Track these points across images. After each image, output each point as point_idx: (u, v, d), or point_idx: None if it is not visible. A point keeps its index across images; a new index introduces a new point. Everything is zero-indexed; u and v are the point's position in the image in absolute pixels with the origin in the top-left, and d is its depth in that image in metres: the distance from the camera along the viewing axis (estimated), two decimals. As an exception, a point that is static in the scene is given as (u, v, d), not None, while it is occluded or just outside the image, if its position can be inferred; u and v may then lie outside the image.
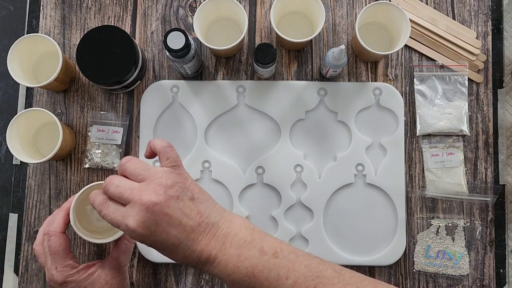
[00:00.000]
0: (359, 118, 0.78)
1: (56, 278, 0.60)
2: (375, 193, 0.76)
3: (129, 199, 0.48)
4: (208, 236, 0.49)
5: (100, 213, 0.51)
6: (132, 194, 0.48)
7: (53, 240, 0.61)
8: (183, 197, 0.49)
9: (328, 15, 0.80)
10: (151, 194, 0.47)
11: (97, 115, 0.78)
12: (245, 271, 0.48)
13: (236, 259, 0.49)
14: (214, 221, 0.50)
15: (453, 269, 0.75)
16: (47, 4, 0.81)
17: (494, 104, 0.79)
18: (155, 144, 0.54)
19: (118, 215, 0.49)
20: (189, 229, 0.48)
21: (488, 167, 0.77)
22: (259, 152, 0.77)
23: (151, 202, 0.47)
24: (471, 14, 0.80)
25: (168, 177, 0.49)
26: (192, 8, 0.81)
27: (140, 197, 0.47)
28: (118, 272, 0.64)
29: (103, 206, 0.50)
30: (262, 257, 0.49)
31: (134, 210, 0.47)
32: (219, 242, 0.49)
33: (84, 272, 0.62)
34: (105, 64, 0.71)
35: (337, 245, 0.76)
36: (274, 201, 0.77)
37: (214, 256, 0.49)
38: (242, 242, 0.49)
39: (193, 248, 0.49)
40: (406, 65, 0.79)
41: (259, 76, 0.78)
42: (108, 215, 0.49)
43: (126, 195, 0.48)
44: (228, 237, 0.50)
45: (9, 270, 0.77)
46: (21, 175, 0.78)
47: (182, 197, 0.49)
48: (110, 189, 0.50)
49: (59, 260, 0.61)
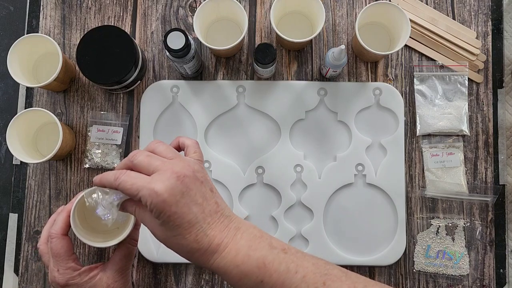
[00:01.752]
0: (359, 118, 0.78)
1: (58, 280, 0.60)
2: (375, 193, 0.76)
3: (159, 167, 0.48)
4: (222, 225, 0.50)
5: (115, 182, 0.49)
6: (163, 164, 0.49)
7: (55, 243, 0.61)
8: (205, 184, 0.50)
9: (328, 15, 0.80)
10: (183, 167, 0.49)
11: (97, 115, 0.78)
12: (255, 262, 0.48)
13: (247, 249, 0.49)
14: (227, 214, 0.51)
15: (453, 269, 0.75)
16: (47, 4, 0.81)
17: (494, 104, 0.79)
18: (185, 140, 0.56)
19: (141, 181, 0.48)
20: (208, 212, 0.49)
21: (488, 167, 0.77)
22: (259, 152, 0.77)
23: (182, 173, 0.48)
24: (471, 14, 0.80)
25: (195, 163, 0.51)
26: (192, 8, 0.81)
27: (172, 167, 0.48)
28: (121, 275, 0.64)
29: (121, 174, 0.49)
30: (272, 250, 0.49)
31: (164, 175, 0.47)
32: (231, 233, 0.50)
33: (86, 275, 0.61)
34: (105, 64, 0.71)
35: (337, 245, 0.76)
36: (274, 201, 0.77)
37: (225, 244, 0.49)
38: (252, 236, 0.50)
39: (207, 232, 0.49)
40: (406, 65, 0.79)
41: (259, 76, 0.78)
42: (127, 181, 0.48)
43: (157, 163, 0.49)
44: (239, 230, 0.50)
45: (9, 270, 0.77)
46: (21, 175, 0.78)
47: (205, 184, 0.50)
48: (138, 157, 0.50)
49: (61, 262, 0.61)
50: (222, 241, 0.49)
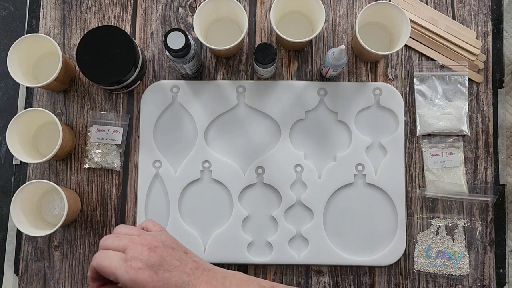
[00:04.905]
0: (359, 118, 0.78)
1: None
2: (375, 193, 0.76)
3: (128, 244, 0.50)
4: (208, 278, 0.51)
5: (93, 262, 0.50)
6: (131, 241, 0.50)
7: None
8: (177, 249, 0.52)
9: (328, 15, 0.80)
10: (151, 240, 0.51)
11: (97, 115, 0.78)
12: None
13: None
14: (209, 268, 0.53)
15: (453, 269, 0.75)
16: (47, 4, 0.81)
17: (494, 104, 0.79)
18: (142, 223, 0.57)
19: (119, 259, 0.49)
20: (189, 271, 0.50)
21: (488, 167, 0.77)
22: (259, 152, 0.77)
23: (152, 244, 0.50)
24: (471, 14, 0.80)
25: (162, 234, 0.53)
26: (192, 8, 0.81)
27: (141, 241, 0.50)
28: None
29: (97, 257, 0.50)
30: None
31: (136, 251, 0.49)
32: (220, 282, 0.51)
33: None
34: (105, 64, 0.71)
35: (337, 245, 0.76)
36: (274, 201, 0.77)
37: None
38: (240, 281, 0.52)
39: (197, 287, 0.50)
40: (406, 65, 0.79)
41: (259, 76, 0.78)
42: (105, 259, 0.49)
43: (125, 241, 0.50)
44: (227, 278, 0.52)
45: (9, 270, 0.77)
46: (21, 175, 0.78)
47: (177, 249, 0.52)
48: (107, 241, 0.51)
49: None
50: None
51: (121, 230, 0.54)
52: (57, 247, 0.77)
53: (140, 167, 0.77)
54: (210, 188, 0.77)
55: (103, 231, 0.77)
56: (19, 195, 0.70)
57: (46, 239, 0.77)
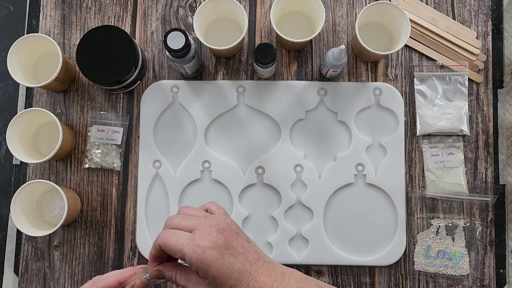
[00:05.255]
0: (359, 118, 0.78)
1: None
2: (375, 193, 0.76)
3: (196, 225, 0.49)
4: (268, 271, 0.50)
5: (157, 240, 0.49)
6: (199, 221, 0.50)
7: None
8: (241, 235, 0.51)
9: (328, 15, 0.80)
10: (218, 222, 0.50)
11: (97, 115, 0.78)
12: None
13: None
14: (269, 261, 0.52)
15: (453, 269, 0.75)
16: (47, 4, 0.81)
17: (494, 104, 0.79)
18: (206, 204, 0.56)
19: (184, 237, 0.49)
20: (252, 260, 0.50)
21: (488, 167, 0.77)
22: (259, 152, 0.77)
23: (220, 226, 0.49)
24: (471, 14, 0.80)
25: (226, 218, 0.52)
26: (192, 8, 0.81)
27: (209, 222, 0.50)
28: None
29: (163, 234, 0.49)
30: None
31: (204, 231, 0.48)
32: (279, 277, 0.50)
33: None
34: (105, 64, 0.71)
35: (337, 245, 0.76)
36: (274, 201, 0.77)
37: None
38: (299, 278, 0.51)
39: (257, 278, 0.49)
40: (406, 65, 0.79)
41: (259, 76, 0.78)
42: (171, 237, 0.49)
43: (193, 222, 0.50)
44: (285, 274, 0.51)
45: (9, 270, 0.77)
46: (21, 175, 0.78)
47: (241, 235, 0.51)
48: (174, 220, 0.51)
49: None
50: (273, 285, 0.49)
51: (186, 211, 0.53)
52: (57, 247, 0.77)
53: (140, 167, 0.77)
54: (210, 188, 0.77)
55: (103, 231, 0.77)
56: (19, 195, 0.70)
57: (46, 239, 0.77)
